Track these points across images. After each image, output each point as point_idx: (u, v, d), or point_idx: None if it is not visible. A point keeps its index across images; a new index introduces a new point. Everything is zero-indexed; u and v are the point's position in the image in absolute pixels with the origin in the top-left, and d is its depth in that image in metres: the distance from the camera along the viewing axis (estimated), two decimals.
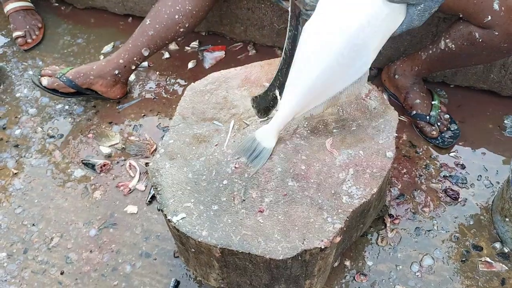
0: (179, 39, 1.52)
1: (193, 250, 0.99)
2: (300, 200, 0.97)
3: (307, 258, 0.93)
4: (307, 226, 0.93)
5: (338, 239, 0.93)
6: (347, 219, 0.95)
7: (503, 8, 1.09)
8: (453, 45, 1.23)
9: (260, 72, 1.20)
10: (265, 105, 1.06)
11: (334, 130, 1.08)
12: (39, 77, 1.55)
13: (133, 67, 1.53)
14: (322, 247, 0.91)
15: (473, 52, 1.21)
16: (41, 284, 1.25)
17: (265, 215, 0.95)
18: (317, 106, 0.99)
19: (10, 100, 1.68)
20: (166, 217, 0.96)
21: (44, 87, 1.53)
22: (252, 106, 1.06)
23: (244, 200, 0.97)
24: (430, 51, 1.33)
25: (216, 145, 1.06)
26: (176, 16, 1.43)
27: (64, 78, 1.51)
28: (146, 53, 1.50)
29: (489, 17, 1.11)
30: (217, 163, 1.03)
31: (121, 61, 1.51)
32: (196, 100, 1.16)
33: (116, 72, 1.52)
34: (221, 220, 0.95)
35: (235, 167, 1.01)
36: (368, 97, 1.14)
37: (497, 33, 1.12)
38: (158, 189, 1.00)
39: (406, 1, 0.90)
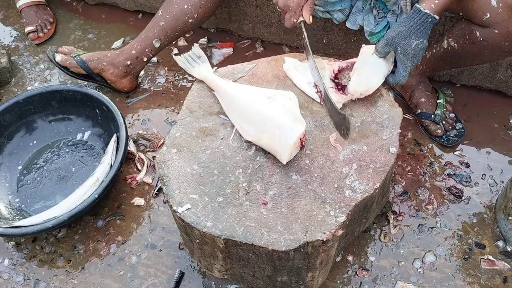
0: (187, 34, 1.52)
1: (197, 241, 1.01)
2: (304, 194, 0.98)
3: (309, 250, 0.94)
4: (309, 219, 0.95)
5: (340, 232, 0.95)
6: (350, 213, 0.96)
7: (501, 4, 1.09)
8: (455, 44, 1.24)
9: (267, 67, 1.22)
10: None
11: None
12: (55, 52, 1.58)
13: (145, 59, 1.56)
14: (324, 239, 0.92)
15: (475, 51, 1.21)
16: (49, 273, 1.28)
17: (268, 208, 0.97)
18: None
19: None
20: (172, 207, 0.98)
21: (57, 62, 1.56)
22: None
23: (248, 193, 0.99)
24: (434, 50, 1.33)
25: (222, 138, 1.08)
26: (185, 6, 1.46)
27: (78, 58, 1.54)
28: (157, 45, 1.52)
29: (488, 15, 1.11)
30: (223, 156, 1.05)
31: (133, 51, 1.53)
32: (203, 94, 1.18)
33: (128, 62, 1.54)
34: (225, 212, 0.97)
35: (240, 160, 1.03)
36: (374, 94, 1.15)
37: (497, 31, 1.12)
38: (165, 180, 1.02)
39: (387, 50, 1.09)
